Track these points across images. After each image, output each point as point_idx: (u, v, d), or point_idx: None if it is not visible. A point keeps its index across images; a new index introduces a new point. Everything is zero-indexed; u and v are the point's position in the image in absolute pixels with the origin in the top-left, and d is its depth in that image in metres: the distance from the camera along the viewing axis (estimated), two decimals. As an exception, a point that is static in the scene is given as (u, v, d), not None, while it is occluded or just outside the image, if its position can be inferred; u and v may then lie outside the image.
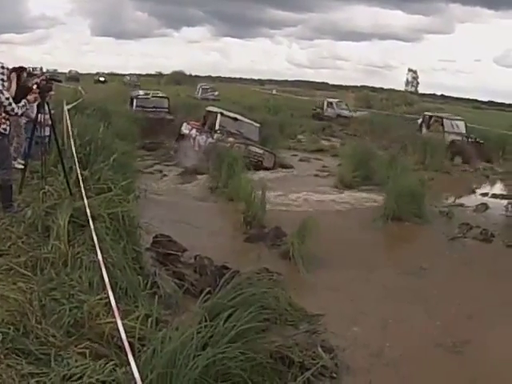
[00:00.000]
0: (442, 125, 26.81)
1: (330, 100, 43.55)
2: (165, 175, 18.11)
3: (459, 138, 25.98)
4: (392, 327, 7.84)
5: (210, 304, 4.95)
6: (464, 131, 26.61)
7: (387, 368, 6.71)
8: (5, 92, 8.02)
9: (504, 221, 15.29)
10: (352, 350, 6.86)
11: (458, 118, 28.23)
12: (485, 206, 16.75)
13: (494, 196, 18.90)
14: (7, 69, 8.58)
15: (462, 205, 16.95)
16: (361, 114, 40.94)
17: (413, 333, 7.79)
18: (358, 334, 7.48)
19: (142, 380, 3.92)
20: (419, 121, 29.04)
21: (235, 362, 4.31)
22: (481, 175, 23.46)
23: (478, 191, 19.82)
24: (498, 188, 20.85)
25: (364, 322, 7.91)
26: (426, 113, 29.87)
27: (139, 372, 3.95)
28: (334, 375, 6.08)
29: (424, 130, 27.58)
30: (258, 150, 20.21)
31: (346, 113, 41.21)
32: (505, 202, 17.47)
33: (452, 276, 10.27)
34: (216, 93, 47.58)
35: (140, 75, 79.40)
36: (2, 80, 8.14)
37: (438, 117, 27.94)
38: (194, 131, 21.82)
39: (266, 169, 20.06)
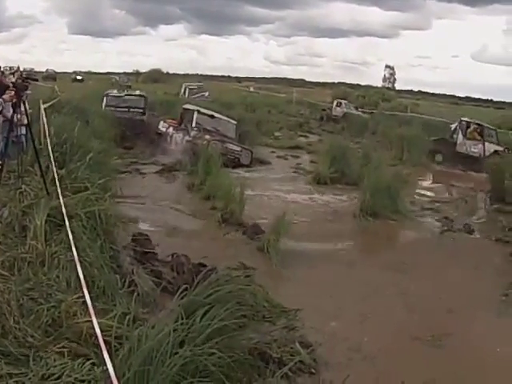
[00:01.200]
0: (482, 133, 24.71)
1: (340, 100, 43.04)
2: (142, 173, 17.88)
3: (501, 148, 24.21)
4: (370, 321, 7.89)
5: (186, 301, 4.96)
6: (497, 140, 24.91)
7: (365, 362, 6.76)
8: None
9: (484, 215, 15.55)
10: (330, 345, 6.89)
11: (492, 126, 26.34)
12: (464, 201, 17.00)
13: (473, 190, 19.16)
14: None
15: (441, 200, 17.12)
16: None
17: (391, 327, 7.86)
18: (336, 328, 7.53)
19: (119, 378, 3.95)
20: (452, 126, 26.35)
21: (213, 359, 4.33)
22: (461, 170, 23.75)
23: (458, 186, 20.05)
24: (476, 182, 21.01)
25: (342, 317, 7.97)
26: (463, 118, 26.55)
27: (115, 371, 3.98)
28: (313, 371, 6.11)
29: (460, 137, 24.97)
30: (235, 148, 20.50)
31: (354, 112, 40.69)
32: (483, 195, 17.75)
33: (434, 270, 10.34)
34: (206, 93, 43.18)
35: (117, 73, 78.81)
36: None
37: (477, 124, 25.35)
38: (171, 129, 21.66)
39: (243, 166, 20.22)
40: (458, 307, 8.64)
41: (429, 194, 18.13)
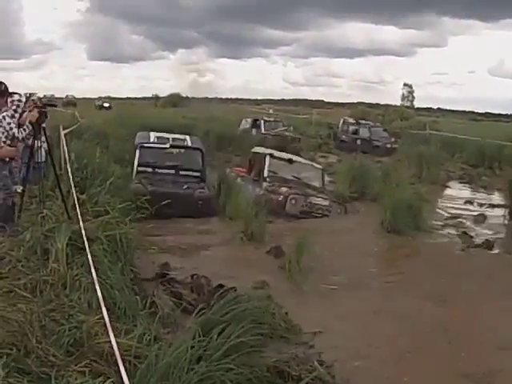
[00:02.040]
0: None
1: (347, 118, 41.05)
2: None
3: None
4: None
5: (203, 319, 5.05)
6: None
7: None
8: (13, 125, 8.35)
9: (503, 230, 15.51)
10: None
11: None
12: (483, 217, 16.96)
13: (492, 206, 19.10)
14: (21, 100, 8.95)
15: (460, 216, 17.09)
16: None
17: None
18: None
19: None
20: None
21: (230, 375, 4.41)
22: (479, 187, 23.69)
23: (476, 202, 19.99)
24: (496, 198, 20.92)
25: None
26: None
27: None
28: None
29: None
30: (322, 202, 15.73)
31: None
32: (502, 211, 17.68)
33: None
34: (290, 127, 36.29)
35: (136, 98, 79.54)
36: (15, 111, 8.44)
37: None
38: (239, 180, 17.06)
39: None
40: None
41: (449, 210, 18.10)
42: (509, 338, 7.87)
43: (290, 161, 17.06)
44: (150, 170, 15.39)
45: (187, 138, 17.13)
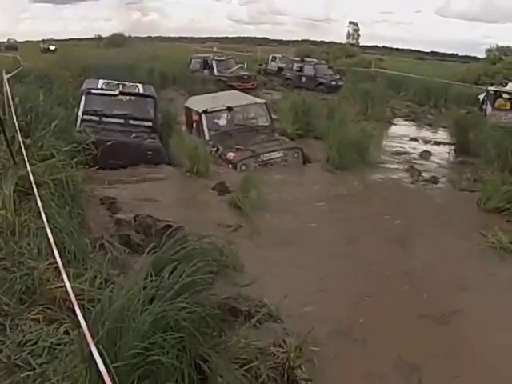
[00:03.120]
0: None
1: (275, 55, 41.37)
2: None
3: None
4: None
5: (154, 259, 5.09)
6: None
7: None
8: None
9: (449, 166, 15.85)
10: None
11: None
12: (429, 153, 17.27)
13: (437, 143, 19.43)
14: None
15: (406, 152, 17.36)
16: None
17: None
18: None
19: (93, 337, 4.09)
20: (480, 97, 24.14)
21: (183, 314, 4.47)
22: (424, 124, 23.99)
23: (422, 139, 20.30)
24: (441, 136, 21.24)
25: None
26: (491, 88, 24.05)
27: (89, 330, 4.13)
28: (279, 320, 6.29)
29: (489, 108, 22.50)
30: (274, 155, 14.20)
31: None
32: (447, 148, 18.03)
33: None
34: (244, 65, 34.11)
35: (79, 39, 77.31)
36: None
37: (507, 94, 22.69)
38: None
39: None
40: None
41: (395, 147, 18.34)
42: (470, 278, 8.14)
43: (230, 109, 15.23)
44: (96, 118, 13.83)
45: (139, 85, 15.54)
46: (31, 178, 7.68)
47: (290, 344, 5.39)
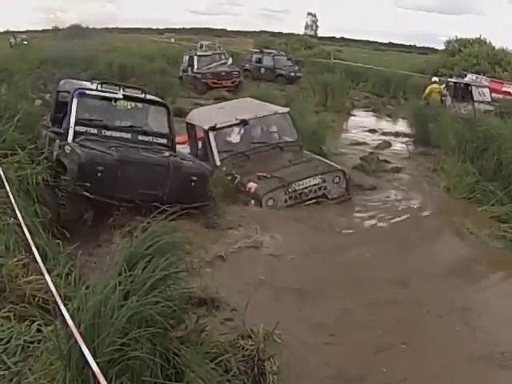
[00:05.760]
0: (471, 93, 22.16)
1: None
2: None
3: (491, 107, 20.78)
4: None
5: (127, 254, 5.09)
6: (490, 99, 22.37)
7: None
8: None
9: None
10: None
11: (484, 84, 24.63)
12: (388, 144, 17.51)
13: (396, 134, 19.70)
14: None
15: (365, 143, 17.56)
16: None
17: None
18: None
19: (81, 334, 4.11)
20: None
21: (158, 309, 4.50)
22: (384, 115, 24.29)
23: (381, 130, 20.56)
24: (400, 127, 21.52)
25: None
26: (450, 80, 24.42)
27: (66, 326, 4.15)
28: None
29: (448, 99, 22.66)
30: (310, 182, 10.98)
31: None
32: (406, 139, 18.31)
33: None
34: (229, 60, 31.85)
35: (36, 31, 76.01)
36: None
37: (465, 84, 23.15)
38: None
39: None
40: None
41: (354, 138, 18.54)
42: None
43: (244, 122, 11.83)
44: (94, 130, 9.98)
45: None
46: (1, 174, 7.63)
47: (259, 336, 5.42)
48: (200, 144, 11.92)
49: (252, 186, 10.49)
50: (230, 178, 10.74)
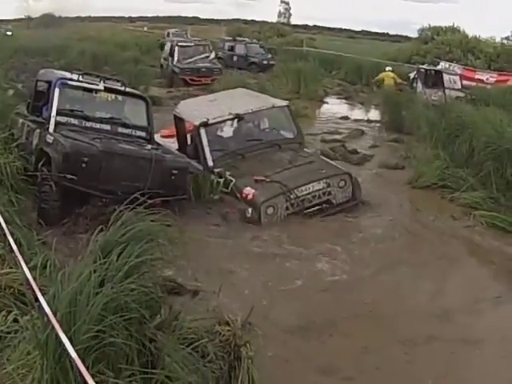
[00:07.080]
0: (442, 80, 22.29)
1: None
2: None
3: (462, 94, 20.94)
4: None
5: (102, 242, 5.12)
6: (460, 86, 22.54)
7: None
8: None
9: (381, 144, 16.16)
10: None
11: (456, 72, 24.96)
12: (360, 131, 17.61)
13: (369, 121, 19.82)
14: None
15: (338, 131, 17.62)
16: None
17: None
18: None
19: (60, 322, 4.14)
20: (411, 75, 24.42)
21: (132, 296, 4.54)
22: (356, 102, 24.41)
23: (354, 117, 20.65)
24: (373, 114, 21.64)
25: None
26: (422, 66, 24.58)
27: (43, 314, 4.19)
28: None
29: (419, 85, 22.63)
30: (314, 187, 9.93)
31: None
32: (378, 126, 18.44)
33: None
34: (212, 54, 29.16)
35: (8, 20, 74.85)
36: None
37: (436, 71, 23.22)
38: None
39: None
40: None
41: (327, 126, 18.58)
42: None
43: (239, 117, 10.89)
44: (75, 121, 9.90)
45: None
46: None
47: (235, 322, 5.48)
48: (189, 139, 11.19)
49: (249, 191, 9.52)
50: (222, 181, 9.90)
